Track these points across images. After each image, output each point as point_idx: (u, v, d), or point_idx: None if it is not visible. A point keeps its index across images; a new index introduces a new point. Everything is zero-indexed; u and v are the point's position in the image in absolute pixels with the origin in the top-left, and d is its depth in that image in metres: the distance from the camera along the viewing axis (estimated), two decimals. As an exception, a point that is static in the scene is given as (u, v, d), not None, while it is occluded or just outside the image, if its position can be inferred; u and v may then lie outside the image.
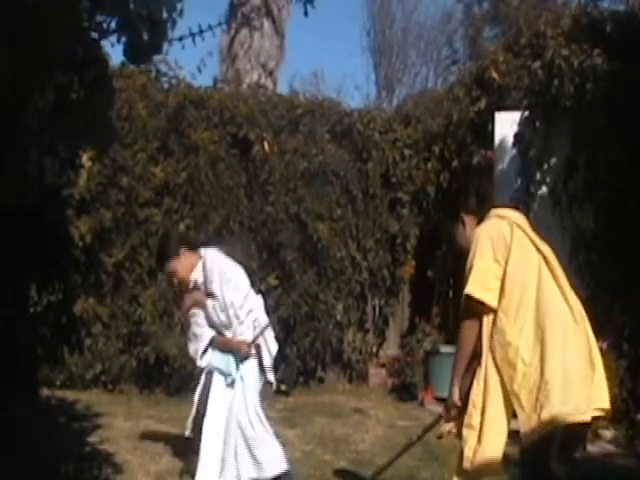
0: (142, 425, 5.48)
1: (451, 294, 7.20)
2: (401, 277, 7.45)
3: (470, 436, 2.93)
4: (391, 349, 7.55)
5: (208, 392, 4.07)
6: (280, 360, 6.74)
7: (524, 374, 2.82)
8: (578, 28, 5.90)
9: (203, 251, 4.21)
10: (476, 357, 2.99)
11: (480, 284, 2.91)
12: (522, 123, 5.97)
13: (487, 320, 2.94)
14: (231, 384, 4.03)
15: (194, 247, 4.23)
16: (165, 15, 2.01)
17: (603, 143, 5.73)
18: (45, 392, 5.75)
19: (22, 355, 2.84)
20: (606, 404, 2.95)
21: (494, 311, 2.93)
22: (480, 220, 3.13)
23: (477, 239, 3.00)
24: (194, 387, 5.09)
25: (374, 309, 7.59)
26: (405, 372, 6.90)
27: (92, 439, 4.88)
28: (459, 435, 3.03)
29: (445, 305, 7.15)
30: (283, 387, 6.76)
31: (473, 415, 2.92)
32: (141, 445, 4.89)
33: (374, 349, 7.50)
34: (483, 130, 6.55)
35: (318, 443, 5.18)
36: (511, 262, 2.91)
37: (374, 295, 7.53)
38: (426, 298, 7.26)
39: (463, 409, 3.03)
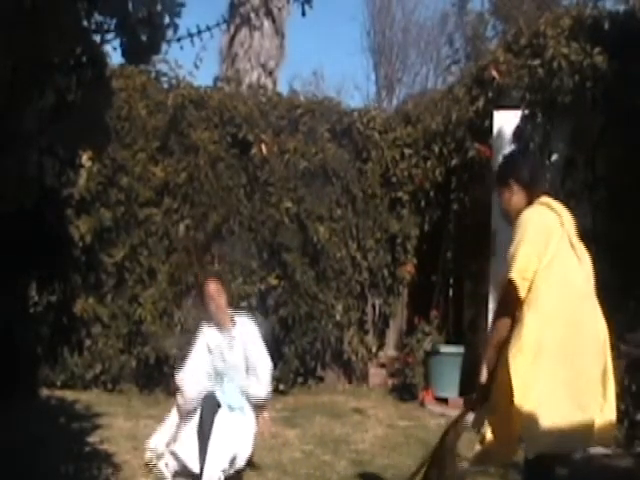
0: (142, 425, 5.47)
1: (451, 294, 7.20)
2: (402, 277, 7.45)
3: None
4: (391, 349, 7.55)
5: (210, 425, 4.08)
6: (279, 360, 6.76)
7: (525, 343, 2.80)
8: (578, 27, 5.90)
9: (237, 316, 4.48)
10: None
11: (522, 272, 2.88)
12: (521, 120, 5.96)
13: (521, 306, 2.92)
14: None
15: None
16: (167, 20, 2.02)
17: (602, 142, 5.73)
18: (45, 392, 5.77)
19: (22, 355, 2.84)
20: (607, 439, 2.94)
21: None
22: (529, 196, 3.09)
23: (525, 224, 2.96)
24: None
25: (374, 309, 7.59)
26: (405, 372, 6.90)
27: (92, 439, 4.88)
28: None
29: (445, 306, 7.15)
30: (282, 387, 6.76)
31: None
32: (141, 445, 4.88)
33: (374, 349, 7.50)
34: (482, 129, 6.55)
35: (318, 443, 5.18)
36: (544, 259, 2.89)
37: (374, 295, 7.53)
38: (426, 298, 7.26)
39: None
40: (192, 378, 4.24)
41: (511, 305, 2.92)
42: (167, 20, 2.01)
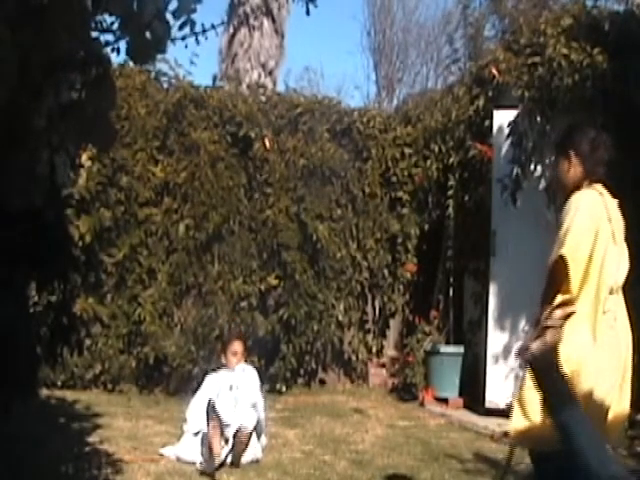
0: (142, 425, 5.47)
1: (451, 293, 7.19)
2: (402, 277, 7.43)
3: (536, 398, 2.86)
4: (391, 349, 7.54)
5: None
6: (279, 360, 6.76)
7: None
8: (578, 27, 5.89)
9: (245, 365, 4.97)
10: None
11: (574, 251, 2.82)
12: (519, 115, 5.95)
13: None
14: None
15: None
16: (184, 17, 2.02)
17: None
18: (45, 392, 5.76)
19: (22, 355, 2.83)
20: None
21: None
22: (586, 173, 3.02)
23: (579, 207, 2.90)
24: (193, 387, 5.18)
25: (374, 309, 7.58)
26: (405, 372, 6.90)
27: (92, 439, 4.88)
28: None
29: (445, 306, 7.14)
30: (281, 387, 6.76)
31: None
32: (141, 445, 4.88)
33: (374, 349, 7.49)
34: (482, 128, 6.55)
35: (318, 443, 5.17)
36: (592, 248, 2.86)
37: (374, 295, 7.53)
38: (426, 298, 7.25)
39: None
40: (196, 413, 4.74)
41: (559, 284, 2.85)
42: (184, 17, 2.01)
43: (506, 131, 6.03)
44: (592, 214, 2.89)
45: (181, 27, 2.07)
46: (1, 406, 2.76)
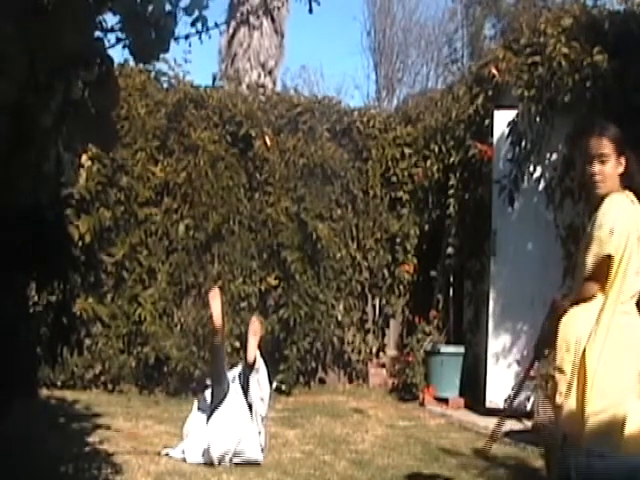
0: (142, 425, 5.46)
1: (451, 293, 7.19)
2: (402, 277, 7.42)
3: (561, 381, 2.87)
4: (391, 349, 7.54)
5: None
6: (279, 361, 6.75)
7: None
8: (578, 26, 5.89)
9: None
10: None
11: (618, 251, 2.85)
12: (518, 114, 5.95)
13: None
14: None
15: None
16: (197, 13, 2.03)
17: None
18: (45, 392, 5.76)
19: (22, 355, 2.83)
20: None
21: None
22: (625, 175, 3.03)
23: (620, 209, 2.94)
24: (194, 388, 5.18)
25: (374, 309, 7.57)
26: (405, 372, 6.89)
27: (92, 439, 4.87)
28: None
29: (445, 306, 7.13)
30: (282, 387, 6.76)
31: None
32: (141, 445, 4.88)
33: (374, 349, 7.49)
34: (482, 127, 6.55)
35: (318, 443, 5.17)
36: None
37: (374, 295, 7.52)
38: (426, 298, 7.25)
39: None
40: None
41: (600, 282, 2.87)
42: (197, 13, 2.02)
43: (506, 131, 6.02)
44: (627, 220, 2.92)
45: (193, 23, 2.08)
46: (1, 406, 2.76)
